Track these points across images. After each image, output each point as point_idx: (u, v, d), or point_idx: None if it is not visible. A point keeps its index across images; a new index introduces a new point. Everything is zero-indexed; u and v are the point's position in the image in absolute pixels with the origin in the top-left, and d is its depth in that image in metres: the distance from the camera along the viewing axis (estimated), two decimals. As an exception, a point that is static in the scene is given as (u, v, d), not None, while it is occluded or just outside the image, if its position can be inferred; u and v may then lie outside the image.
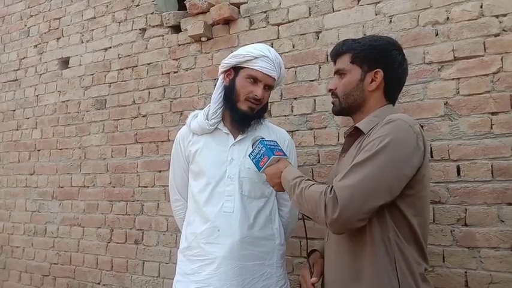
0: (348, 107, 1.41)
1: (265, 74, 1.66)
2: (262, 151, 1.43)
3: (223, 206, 1.63)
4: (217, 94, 1.74)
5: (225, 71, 1.75)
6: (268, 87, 1.72)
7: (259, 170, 1.44)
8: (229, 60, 1.73)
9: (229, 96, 1.70)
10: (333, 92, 1.45)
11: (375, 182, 1.15)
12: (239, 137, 1.73)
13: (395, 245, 1.21)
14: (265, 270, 1.63)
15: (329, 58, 1.60)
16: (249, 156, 1.48)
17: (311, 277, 1.40)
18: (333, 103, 1.46)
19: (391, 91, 1.42)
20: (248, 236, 1.61)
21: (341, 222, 1.14)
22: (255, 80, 1.67)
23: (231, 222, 1.61)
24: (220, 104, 1.72)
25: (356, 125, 1.37)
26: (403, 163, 1.18)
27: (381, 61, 1.37)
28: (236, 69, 1.71)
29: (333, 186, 1.18)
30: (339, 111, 1.46)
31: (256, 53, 1.66)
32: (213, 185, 1.67)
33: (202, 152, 1.73)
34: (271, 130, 1.84)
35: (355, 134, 1.39)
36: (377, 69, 1.37)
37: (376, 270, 1.21)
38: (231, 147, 1.71)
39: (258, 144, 1.46)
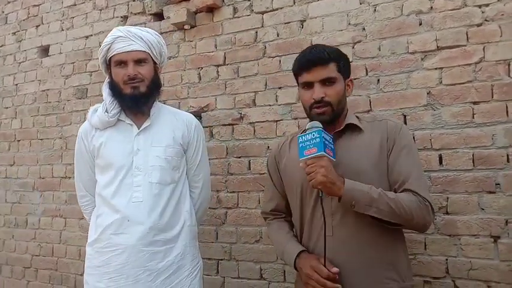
0: (337, 114, 1.46)
1: (126, 52, 1.67)
2: (315, 141, 1.30)
3: (132, 196, 1.65)
4: (106, 92, 1.76)
5: (105, 70, 1.80)
6: (141, 61, 1.70)
7: (301, 156, 1.33)
8: (99, 59, 1.78)
9: (114, 88, 1.72)
10: (322, 100, 1.41)
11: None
12: (143, 126, 1.74)
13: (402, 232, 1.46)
14: (178, 252, 1.67)
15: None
16: (298, 136, 1.36)
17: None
18: (323, 112, 1.41)
19: None
20: (159, 223, 1.64)
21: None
22: (122, 63, 1.69)
23: (141, 212, 1.63)
24: (112, 98, 1.73)
25: (353, 122, 1.46)
26: None
27: (349, 70, 1.52)
28: (109, 63, 1.75)
29: (418, 193, 1.34)
30: (331, 119, 1.43)
31: (109, 40, 1.70)
32: (121, 176, 1.67)
33: (107, 145, 1.72)
34: (177, 115, 1.86)
35: (342, 131, 1.47)
36: (350, 78, 1.52)
37: (402, 257, 1.42)
38: (136, 138, 1.72)
39: (315, 132, 1.32)
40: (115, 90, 1.72)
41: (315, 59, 1.42)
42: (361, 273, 1.34)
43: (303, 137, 1.34)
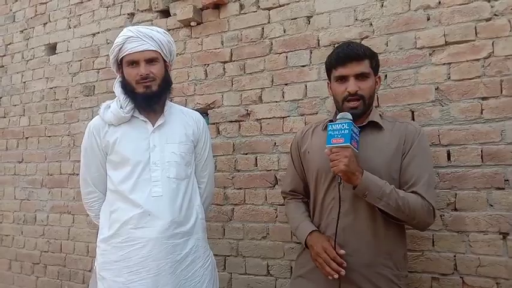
0: (367, 108, 1.56)
1: (137, 52, 1.69)
2: (343, 132, 1.39)
3: (151, 191, 1.67)
4: (118, 90, 1.78)
5: (116, 70, 1.82)
6: (152, 60, 1.72)
7: (328, 143, 1.42)
8: (110, 59, 1.80)
9: (127, 87, 1.74)
10: (356, 94, 1.50)
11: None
12: (158, 123, 1.77)
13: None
14: (194, 244, 1.72)
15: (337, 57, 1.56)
16: (328, 124, 1.45)
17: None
18: (356, 106, 1.51)
19: None
20: (178, 216, 1.69)
21: None
22: (134, 63, 1.71)
23: (161, 206, 1.67)
24: (125, 96, 1.75)
25: (375, 120, 1.55)
26: None
27: (378, 68, 1.61)
28: (120, 63, 1.77)
29: (425, 198, 1.44)
30: (362, 113, 1.54)
31: (121, 40, 1.72)
32: (138, 172, 1.69)
33: (122, 141, 1.73)
34: (186, 113, 1.91)
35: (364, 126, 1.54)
36: (379, 75, 1.62)
37: (401, 248, 1.55)
38: (152, 134, 1.75)
39: (344, 123, 1.40)
40: (128, 89, 1.74)
41: (352, 54, 1.51)
42: (359, 257, 1.46)
43: (333, 126, 1.42)
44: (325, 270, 1.43)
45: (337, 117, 1.46)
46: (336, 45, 2.11)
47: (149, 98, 1.72)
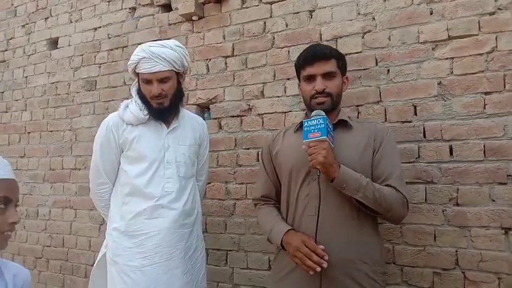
0: (335, 106, 1.62)
1: (150, 73, 1.82)
2: (319, 126, 1.44)
3: (164, 186, 1.85)
4: (135, 93, 1.92)
5: (134, 75, 1.94)
6: (165, 79, 1.84)
7: (305, 138, 1.46)
8: (129, 70, 1.94)
9: (143, 97, 1.89)
10: (324, 92, 1.57)
11: None
12: (172, 126, 1.94)
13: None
14: (195, 234, 1.93)
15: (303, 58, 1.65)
16: (304, 121, 1.50)
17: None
18: (323, 102, 1.57)
19: None
20: (185, 209, 1.88)
21: None
22: (148, 81, 1.85)
23: (172, 200, 1.85)
24: (142, 101, 1.90)
25: (345, 119, 1.62)
26: None
27: (346, 68, 1.69)
28: (136, 73, 1.90)
29: (398, 190, 1.49)
30: (331, 109, 1.59)
31: (136, 59, 1.84)
32: (154, 169, 1.86)
33: (140, 139, 1.89)
34: (193, 117, 2.09)
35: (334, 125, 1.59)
36: (347, 76, 1.69)
37: (376, 243, 1.57)
38: (166, 136, 1.92)
39: (320, 119, 1.46)
40: (144, 99, 1.88)
41: (319, 53, 1.59)
42: (337, 253, 1.44)
43: (309, 122, 1.48)
44: (306, 265, 1.40)
45: (312, 115, 1.51)
46: (338, 40, 2.12)
47: (161, 112, 1.89)
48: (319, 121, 1.45)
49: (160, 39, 2.02)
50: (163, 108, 1.87)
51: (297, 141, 1.58)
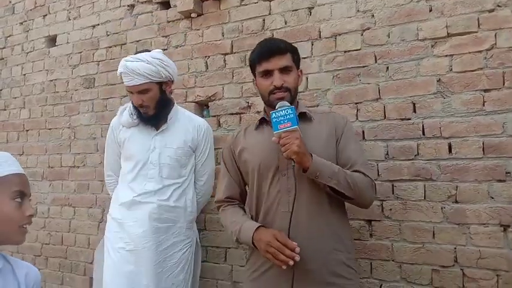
0: (294, 100, 1.61)
1: (129, 86, 2.00)
2: (289, 116, 1.42)
3: (145, 185, 2.04)
4: (130, 100, 2.10)
5: None
6: (144, 91, 1.99)
7: (275, 129, 1.43)
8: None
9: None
10: (282, 87, 1.55)
11: None
12: (161, 128, 2.09)
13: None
14: (175, 230, 2.04)
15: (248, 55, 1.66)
16: (272, 112, 1.46)
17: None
18: (282, 97, 1.54)
19: None
20: (163, 205, 2.01)
21: None
22: (130, 92, 2.04)
23: (151, 196, 2.02)
24: (133, 106, 2.09)
25: (305, 112, 1.63)
26: None
27: (299, 62, 1.67)
28: None
29: (366, 174, 1.52)
30: (290, 103, 1.54)
31: (119, 72, 2.01)
32: (138, 168, 2.06)
33: (131, 140, 2.11)
34: (190, 120, 2.17)
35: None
36: (300, 69, 1.67)
37: (347, 231, 1.62)
38: (153, 138, 2.08)
39: (288, 109, 1.43)
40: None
41: (275, 48, 1.57)
42: (314, 245, 1.46)
43: (277, 113, 1.44)
44: (279, 259, 1.37)
45: (277, 106, 1.48)
46: (337, 37, 2.11)
47: (148, 119, 2.07)
48: (287, 111, 1.43)
49: (142, 52, 2.05)
50: (148, 116, 2.05)
51: (260, 138, 1.59)
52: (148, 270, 1.94)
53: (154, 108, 2.03)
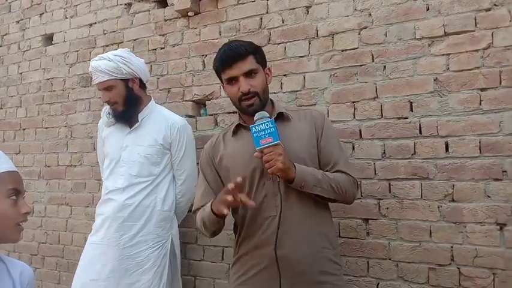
0: (264, 102, 1.57)
1: (96, 83, 2.15)
2: (269, 130, 1.39)
3: (116, 182, 2.13)
4: None
5: None
6: (109, 88, 2.10)
7: (257, 145, 1.40)
8: None
9: None
10: (250, 92, 1.51)
11: None
12: (133, 127, 2.17)
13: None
14: (143, 229, 2.08)
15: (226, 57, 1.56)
16: (251, 127, 1.43)
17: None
18: (252, 104, 1.52)
19: None
20: (129, 203, 2.07)
21: None
22: (99, 90, 2.18)
23: (119, 193, 2.10)
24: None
25: (283, 111, 1.60)
26: None
27: (265, 60, 1.64)
28: None
29: (348, 173, 1.55)
30: (260, 108, 1.52)
31: (90, 71, 2.15)
32: (112, 165, 2.18)
33: (109, 138, 2.24)
34: (164, 118, 2.19)
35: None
36: (268, 67, 1.65)
37: (332, 228, 1.65)
38: (126, 136, 2.17)
39: (268, 122, 1.40)
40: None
41: (234, 54, 1.52)
42: (304, 246, 1.48)
43: (257, 127, 1.41)
44: (229, 200, 1.35)
45: (255, 118, 1.45)
46: (334, 36, 2.11)
47: (118, 116, 2.17)
48: (267, 125, 1.40)
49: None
50: (117, 113, 2.15)
51: (241, 144, 1.57)
52: (111, 265, 2.03)
53: (122, 104, 2.12)
